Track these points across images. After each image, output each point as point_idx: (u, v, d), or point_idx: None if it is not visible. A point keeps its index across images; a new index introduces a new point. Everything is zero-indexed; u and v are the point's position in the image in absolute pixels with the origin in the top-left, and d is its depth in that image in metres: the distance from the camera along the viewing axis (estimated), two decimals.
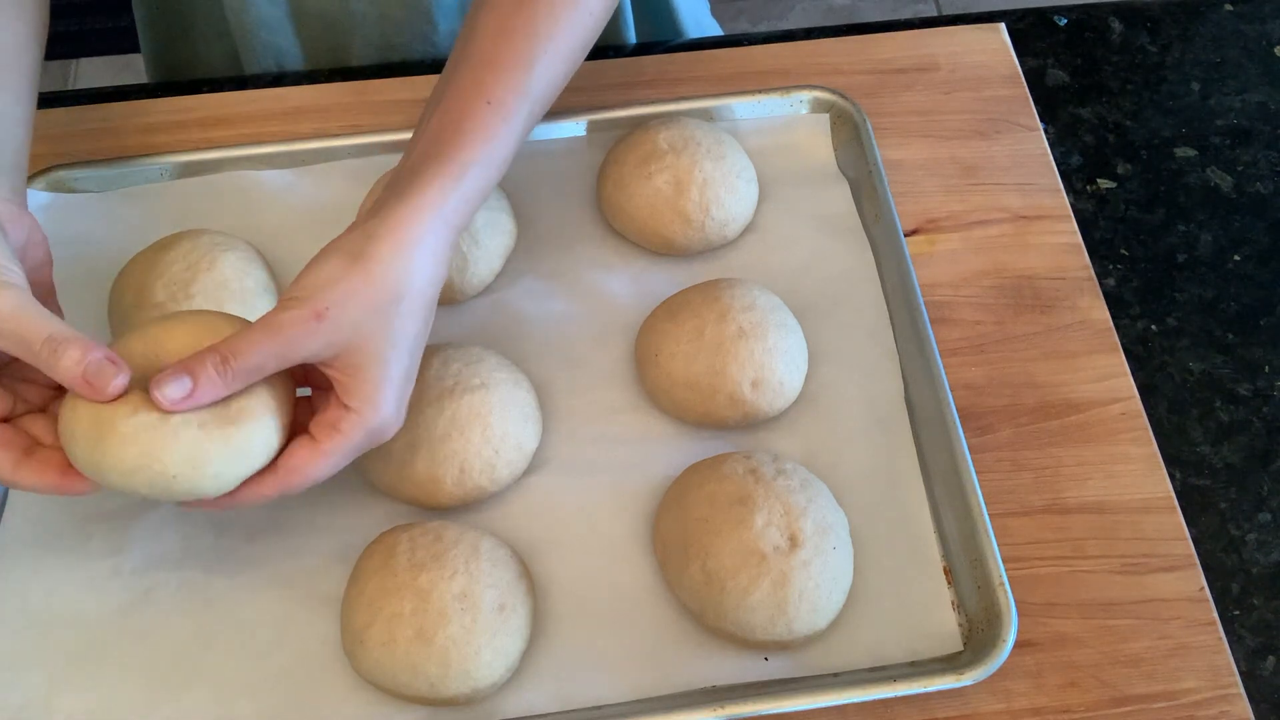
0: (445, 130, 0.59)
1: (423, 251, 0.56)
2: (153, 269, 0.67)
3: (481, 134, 0.59)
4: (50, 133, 0.79)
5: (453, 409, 0.63)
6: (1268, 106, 0.83)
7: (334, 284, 0.53)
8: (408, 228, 0.55)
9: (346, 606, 0.59)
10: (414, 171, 0.57)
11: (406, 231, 0.55)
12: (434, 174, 0.57)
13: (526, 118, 0.61)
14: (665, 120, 0.76)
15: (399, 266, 0.54)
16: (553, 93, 0.64)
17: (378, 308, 0.54)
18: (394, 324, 0.54)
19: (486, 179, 0.59)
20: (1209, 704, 0.59)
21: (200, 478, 0.51)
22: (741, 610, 0.58)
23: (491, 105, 0.59)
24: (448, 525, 0.61)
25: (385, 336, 0.54)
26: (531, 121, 0.62)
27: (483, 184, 0.59)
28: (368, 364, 0.54)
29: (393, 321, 0.54)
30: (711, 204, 0.72)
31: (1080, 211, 0.77)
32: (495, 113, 0.59)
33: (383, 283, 0.54)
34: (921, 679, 0.58)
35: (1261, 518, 0.67)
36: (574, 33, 0.63)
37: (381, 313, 0.54)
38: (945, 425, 0.65)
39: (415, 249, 0.55)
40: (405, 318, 0.55)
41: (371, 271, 0.54)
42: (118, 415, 0.50)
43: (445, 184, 0.57)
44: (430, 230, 0.56)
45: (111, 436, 0.50)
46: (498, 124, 0.59)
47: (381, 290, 0.54)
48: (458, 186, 0.57)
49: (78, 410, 0.51)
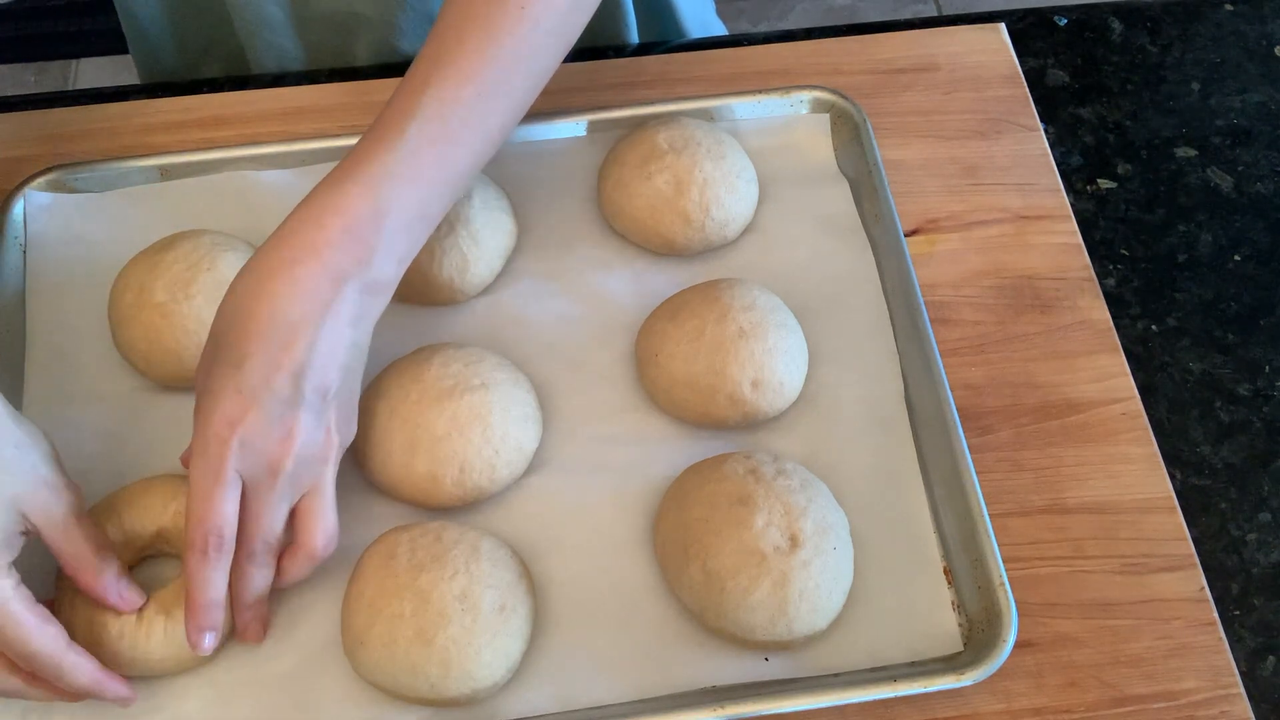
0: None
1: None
2: (153, 269, 0.67)
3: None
4: (50, 133, 0.79)
5: (453, 409, 0.63)
6: (1268, 107, 0.83)
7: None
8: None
9: (347, 608, 0.59)
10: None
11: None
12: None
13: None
14: (665, 120, 0.76)
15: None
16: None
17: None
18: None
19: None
20: (1209, 704, 0.59)
21: (181, 657, 0.58)
22: (742, 610, 0.58)
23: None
24: (448, 526, 0.61)
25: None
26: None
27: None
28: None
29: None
30: (712, 204, 0.72)
31: (1080, 211, 0.77)
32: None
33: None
34: (922, 679, 0.58)
35: (1262, 518, 0.67)
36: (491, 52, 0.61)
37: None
38: (945, 425, 0.65)
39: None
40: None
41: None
42: (108, 616, 0.58)
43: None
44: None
45: (104, 635, 0.58)
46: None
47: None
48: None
49: (76, 610, 0.58)
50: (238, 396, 0.55)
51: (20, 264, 0.72)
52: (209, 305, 0.66)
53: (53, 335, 0.70)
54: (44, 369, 0.69)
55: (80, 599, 0.58)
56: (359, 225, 0.57)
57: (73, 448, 0.66)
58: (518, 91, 0.63)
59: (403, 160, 0.58)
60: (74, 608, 0.59)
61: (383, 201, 0.57)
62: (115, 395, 0.68)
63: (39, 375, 0.69)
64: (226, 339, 0.56)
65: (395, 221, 0.58)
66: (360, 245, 0.57)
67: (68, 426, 0.67)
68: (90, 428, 0.67)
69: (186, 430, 0.66)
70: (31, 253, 0.73)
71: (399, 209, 0.58)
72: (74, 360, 0.69)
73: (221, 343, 0.56)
